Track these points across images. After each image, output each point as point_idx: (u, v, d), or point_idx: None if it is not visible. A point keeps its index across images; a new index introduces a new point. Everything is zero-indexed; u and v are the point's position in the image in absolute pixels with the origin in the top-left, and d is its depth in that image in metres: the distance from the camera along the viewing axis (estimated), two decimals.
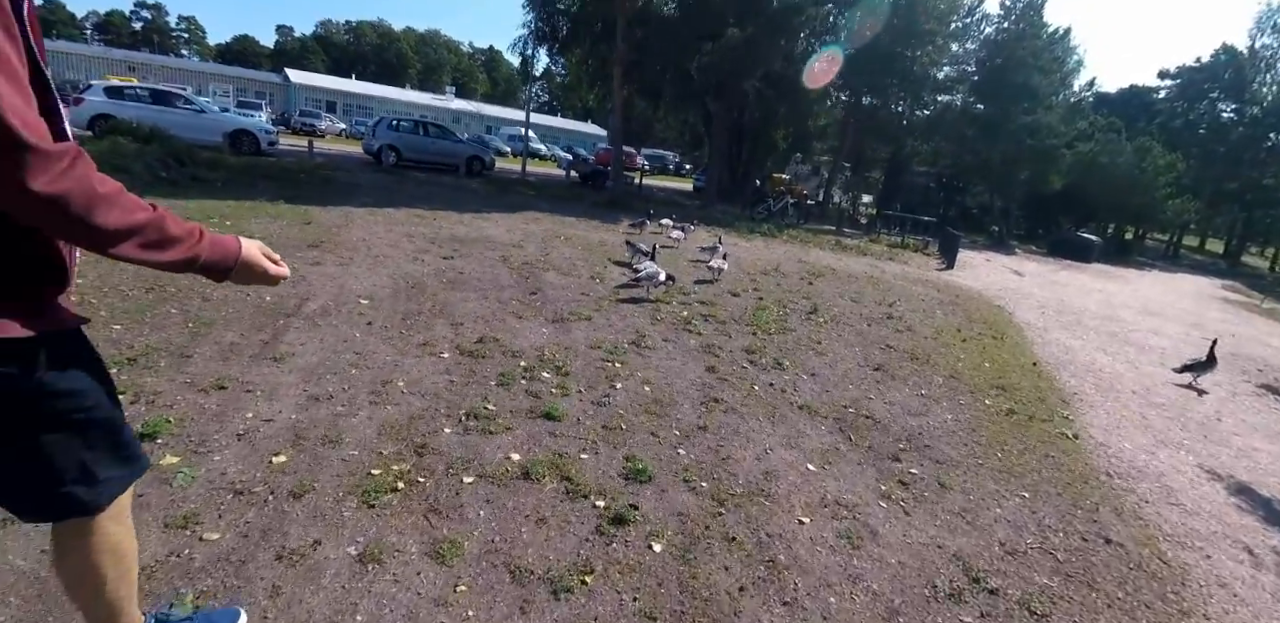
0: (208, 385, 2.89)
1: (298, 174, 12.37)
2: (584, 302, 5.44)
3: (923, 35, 20.42)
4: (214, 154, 12.64)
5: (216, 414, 2.68)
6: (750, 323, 5.45)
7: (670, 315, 5.36)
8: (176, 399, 2.74)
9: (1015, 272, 15.56)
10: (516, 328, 4.41)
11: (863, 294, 7.89)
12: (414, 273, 5.68)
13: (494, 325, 4.40)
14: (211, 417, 2.66)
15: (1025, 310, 9.17)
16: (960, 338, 6.25)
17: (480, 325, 4.37)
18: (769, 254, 10.66)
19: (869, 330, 5.93)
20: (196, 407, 2.71)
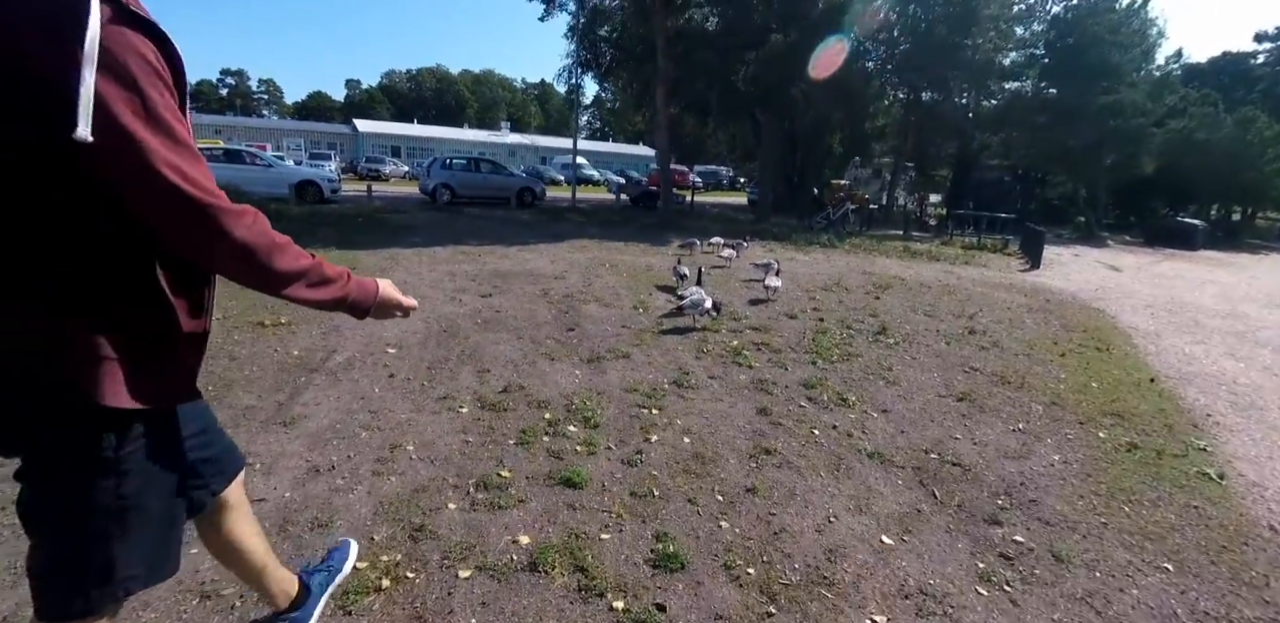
0: None
1: (355, 219, 12.73)
2: (624, 336, 5.05)
3: (983, 22, 19.31)
4: (280, 205, 13.26)
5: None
6: (809, 350, 4.90)
7: (718, 346, 4.88)
8: None
9: (1111, 266, 14.15)
10: (547, 372, 4.05)
11: (937, 306, 7.15)
12: (450, 314, 5.46)
13: (523, 371, 4.06)
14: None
15: (1130, 312, 8.13)
16: (1058, 353, 5.46)
17: (508, 371, 4.04)
18: (829, 267, 9.99)
19: (948, 350, 5.26)
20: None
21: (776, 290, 6.93)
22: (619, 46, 20.40)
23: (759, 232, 15.18)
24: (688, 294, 5.70)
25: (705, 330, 5.32)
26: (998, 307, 7.45)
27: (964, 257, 12.94)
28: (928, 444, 3.33)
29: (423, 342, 4.62)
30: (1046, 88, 26.05)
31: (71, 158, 0.84)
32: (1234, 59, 47.09)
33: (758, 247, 12.24)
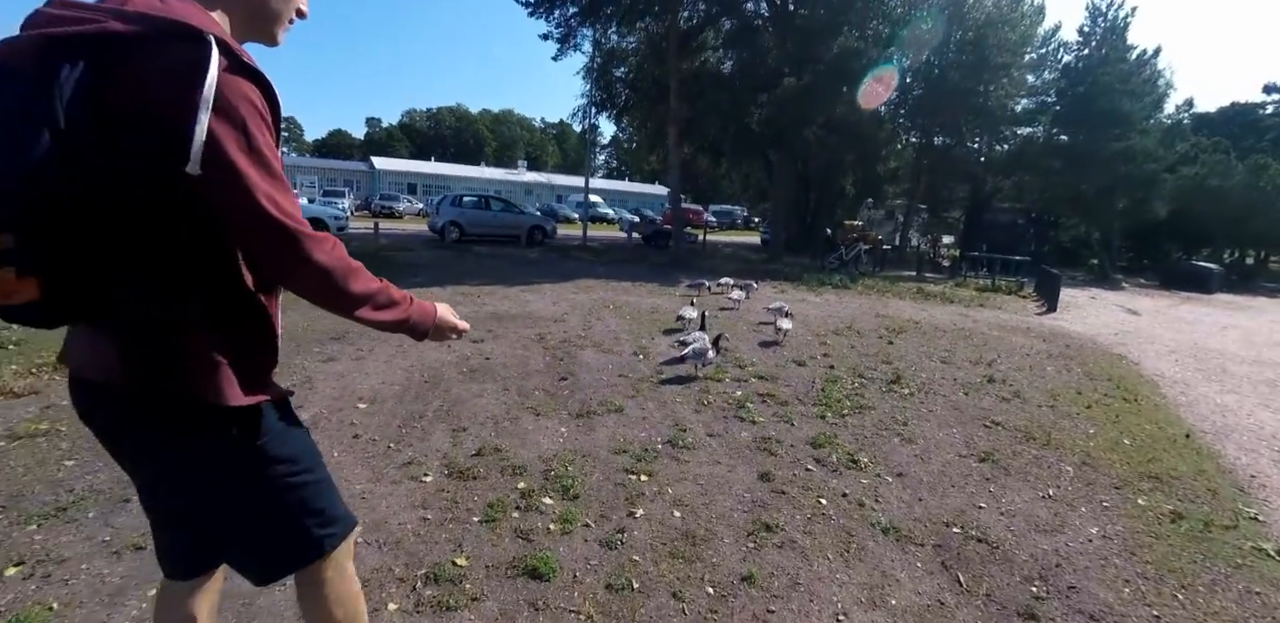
0: (124, 546, 2.31)
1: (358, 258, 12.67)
2: (619, 386, 4.77)
3: (996, 69, 19.49)
4: None
5: (112, 596, 2.06)
6: (818, 402, 4.58)
7: (720, 398, 4.59)
8: (78, 571, 2.17)
9: (1129, 310, 13.77)
10: (529, 430, 3.76)
11: (954, 352, 6.82)
12: (435, 362, 5.21)
13: (503, 429, 3.77)
14: (104, 601, 2.03)
15: (1154, 358, 7.75)
16: (1084, 404, 5.10)
17: (487, 430, 3.75)
18: (841, 309, 9.72)
19: (966, 401, 4.92)
20: (95, 584, 2.11)
21: (787, 333, 6.67)
22: (634, 87, 20.75)
23: (771, 272, 15.01)
24: (690, 341, 5.45)
25: (708, 380, 5.03)
26: (1016, 352, 7.11)
27: (978, 299, 12.64)
28: (949, 515, 2.98)
29: (399, 395, 4.35)
30: (1058, 134, 26.18)
31: (188, 190, 0.94)
32: (1242, 109, 47.48)
33: (768, 287, 12.02)
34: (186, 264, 1.01)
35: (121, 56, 0.90)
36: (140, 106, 0.91)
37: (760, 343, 6.63)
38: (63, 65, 0.87)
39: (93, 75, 0.89)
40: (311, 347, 5.51)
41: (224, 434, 1.09)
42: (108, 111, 0.90)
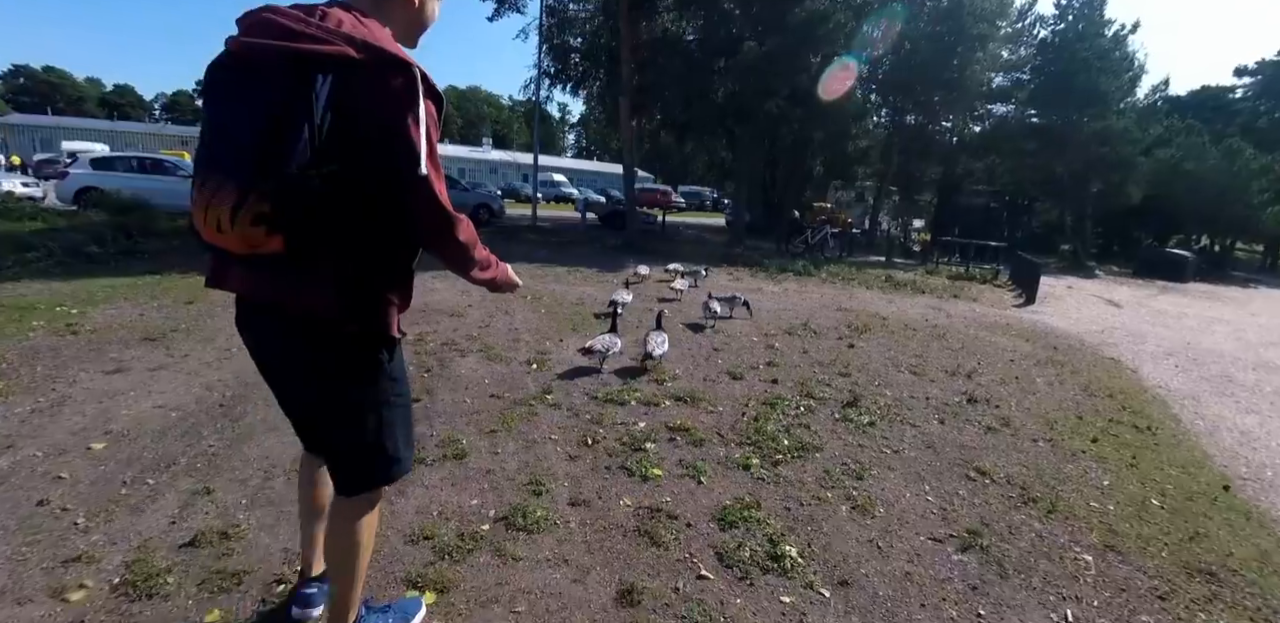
0: None
1: None
2: (483, 414, 3.54)
3: (971, 41, 18.30)
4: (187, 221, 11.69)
5: None
6: (746, 440, 3.39)
7: (615, 432, 3.38)
8: None
9: (1109, 301, 12.92)
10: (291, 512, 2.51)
11: (926, 358, 5.71)
12: (254, 375, 3.92)
13: (267, 492, 2.53)
14: None
15: (1150, 363, 6.76)
16: (1089, 435, 4.01)
17: (243, 493, 2.50)
18: (800, 301, 8.57)
19: (942, 434, 3.79)
20: None
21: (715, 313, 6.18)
22: (588, 56, 19.19)
23: (730, 256, 13.82)
24: (597, 347, 4.28)
25: (607, 402, 3.82)
26: (998, 358, 6.04)
27: (952, 288, 11.62)
28: None
29: (168, 427, 3.08)
30: (1033, 114, 25.29)
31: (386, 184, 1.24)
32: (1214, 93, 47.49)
33: (723, 275, 10.85)
34: (379, 235, 1.30)
35: (357, 75, 1.16)
36: (369, 115, 1.17)
37: (690, 347, 5.44)
38: (317, 76, 1.13)
39: (336, 87, 1.14)
40: (108, 350, 4.24)
41: (378, 355, 1.41)
42: (345, 116, 1.15)
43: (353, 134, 1.16)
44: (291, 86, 1.10)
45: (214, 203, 1.13)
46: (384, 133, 1.19)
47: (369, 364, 1.40)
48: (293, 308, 1.30)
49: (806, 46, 13.53)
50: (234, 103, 1.14)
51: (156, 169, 14.12)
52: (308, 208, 1.15)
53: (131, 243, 9.02)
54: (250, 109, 1.11)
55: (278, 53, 1.11)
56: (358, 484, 1.49)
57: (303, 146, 1.10)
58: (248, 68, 1.13)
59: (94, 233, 9.05)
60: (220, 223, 1.13)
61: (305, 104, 1.10)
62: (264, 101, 1.10)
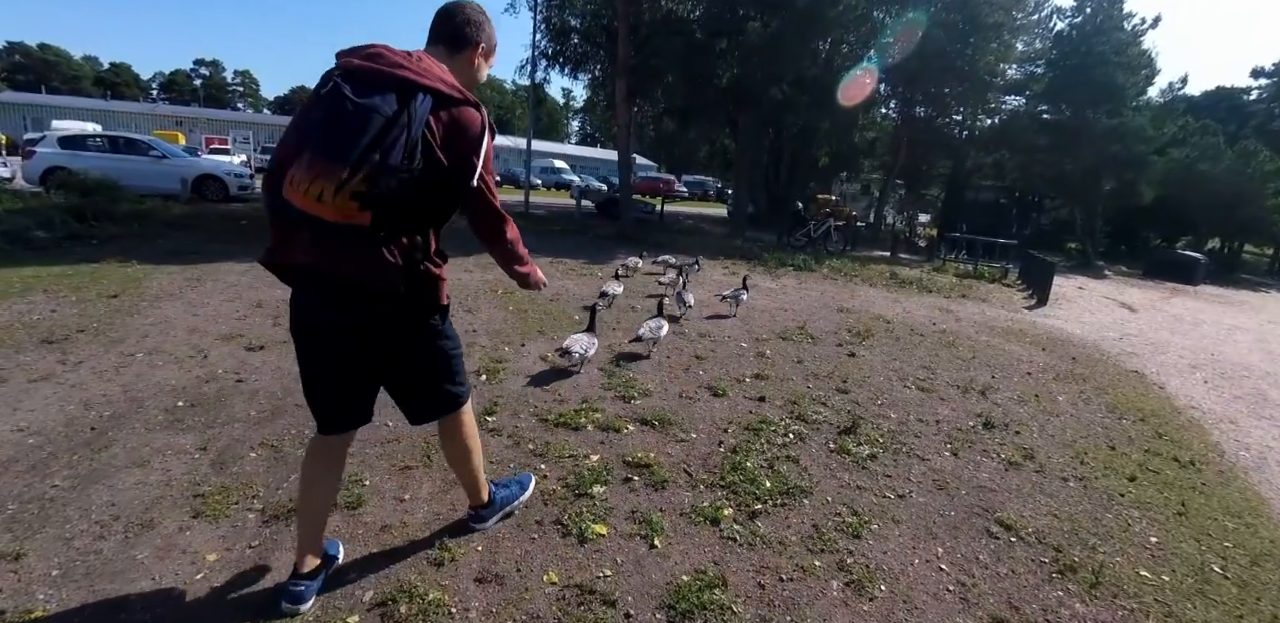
0: None
1: (239, 221, 10.59)
2: (406, 440, 2.95)
3: (985, 30, 17.51)
4: (156, 204, 11.17)
5: None
6: (719, 481, 2.79)
7: (560, 467, 2.78)
8: None
9: (1122, 304, 12.30)
10: (123, 570, 1.93)
11: (935, 370, 5.12)
12: (153, 386, 3.38)
13: (87, 561, 1.94)
14: None
15: (1178, 377, 6.18)
16: (1125, 472, 3.42)
17: (56, 560, 1.92)
18: (798, 300, 7.96)
19: (956, 470, 3.20)
20: None
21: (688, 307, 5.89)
22: (587, 37, 18.42)
23: (728, 249, 13.19)
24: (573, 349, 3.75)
25: (559, 427, 3.24)
26: (1014, 370, 5.45)
27: (959, 288, 10.99)
28: None
29: (13, 460, 2.52)
30: (1046, 110, 24.51)
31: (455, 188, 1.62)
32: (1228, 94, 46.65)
33: (718, 268, 10.23)
34: (435, 226, 1.69)
35: (444, 107, 1.53)
36: (449, 139, 1.55)
37: (670, 354, 4.85)
38: (417, 96, 1.47)
39: (428, 111, 1.49)
40: None
41: (434, 318, 1.78)
42: (431, 134, 1.51)
43: (434, 148, 1.50)
44: (399, 103, 1.43)
45: (320, 178, 1.38)
46: (458, 152, 1.55)
47: (429, 326, 1.77)
48: (366, 280, 1.56)
49: (814, 30, 12.81)
50: (354, 106, 1.39)
51: (129, 149, 13.53)
52: (392, 194, 1.45)
53: (85, 227, 8.41)
54: (368, 112, 1.39)
55: (392, 77, 1.46)
56: (441, 410, 1.93)
57: (399, 148, 1.42)
58: (367, 83, 1.44)
59: (43, 217, 8.44)
60: (323, 195, 1.39)
61: (407, 118, 1.43)
62: (379, 110, 1.40)
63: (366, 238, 1.49)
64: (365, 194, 1.41)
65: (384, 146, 1.40)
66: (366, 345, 1.70)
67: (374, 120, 1.39)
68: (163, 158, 13.59)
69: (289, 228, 1.53)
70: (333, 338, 1.68)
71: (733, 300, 6.45)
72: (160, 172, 13.31)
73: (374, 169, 1.39)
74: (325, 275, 1.57)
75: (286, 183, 1.44)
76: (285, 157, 1.49)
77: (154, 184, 12.86)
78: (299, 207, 1.44)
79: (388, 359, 1.77)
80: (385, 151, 1.40)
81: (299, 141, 1.46)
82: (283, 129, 1.58)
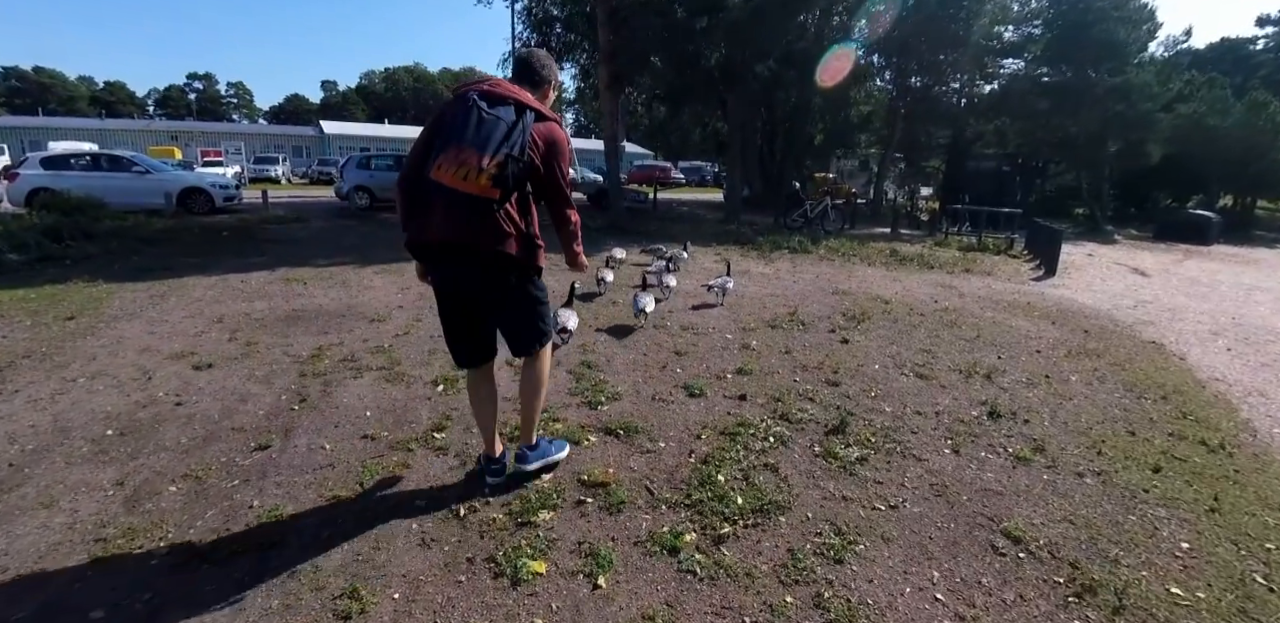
0: None
1: (220, 233, 10.34)
2: (342, 465, 2.66)
3: None
4: (138, 220, 11.00)
5: None
6: (685, 499, 2.46)
7: (504, 500, 2.48)
8: None
9: (1134, 269, 11.81)
10: None
11: (935, 353, 4.76)
12: (80, 417, 3.09)
13: None
14: None
15: (1198, 347, 5.77)
16: (1149, 463, 3.06)
17: None
18: (792, 284, 7.60)
19: (957, 471, 2.86)
20: None
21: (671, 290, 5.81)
22: (570, 27, 17.94)
23: (723, 233, 12.81)
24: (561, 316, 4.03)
25: (512, 441, 2.92)
26: (1022, 348, 5.08)
27: (963, 261, 10.55)
28: None
29: None
30: (1046, 72, 23.71)
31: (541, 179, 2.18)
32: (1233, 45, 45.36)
33: (710, 254, 9.87)
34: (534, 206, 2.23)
35: (540, 120, 2.09)
36: (541, 142, 2.10)
37: (647, 351, 4.51)
38: (526, 112, 2.04)
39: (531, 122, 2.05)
40: None
41: (536, 277, 2.32)
42: (533, 141, 2.06)
43: (535, 148, 2.08)
44: (517, 114, 2.03)
45: (467, 162, 1.93)
46: (548, 154, 2.14)
47: (533, 283, 2.32)
48: (486, 247, 2.06)
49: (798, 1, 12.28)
50: (489, 115, 1.98)
51: (112, 166, 13.45)
52: (513, 178, 2.01)
53: (61, 248, 8.20)
54: (498, 120, 1.98)
55: (511, 98, 2.06)
56: (530, 347, 2.41)
57: (517, 147, 1.99)
58: (494, 101, 2.03)
59: (18, 239, 8.21)
60: (469, 175, 1.93)
61: (521, 126, 2.01)
62: (503, 118, 1.99)
63: (494, 205, 2.00)
64: (497, 176, 1.95)
65: (510, 143, 1.96)
66: (486, 297, 2.24)
67: (501, 125, 1.97)
68: (146, 173, 13.48)
69: (424, 208, 2.04)
70: (471, 293, 2.23)
71: (719, 290, 6.13)
72: (144, 186, 13.21)
73: (505, 158, 1.95)
74: (458, 245, 2.06)
75: (434, 168, 1.98)
76: (420, 155, 2.09)
77: (138, 199, 12.81)
78: (448, 184, 1.96)
79: (499, 309, 2.30)
80: (512, 147, 1.97)
81: (444, 140, 1.99)
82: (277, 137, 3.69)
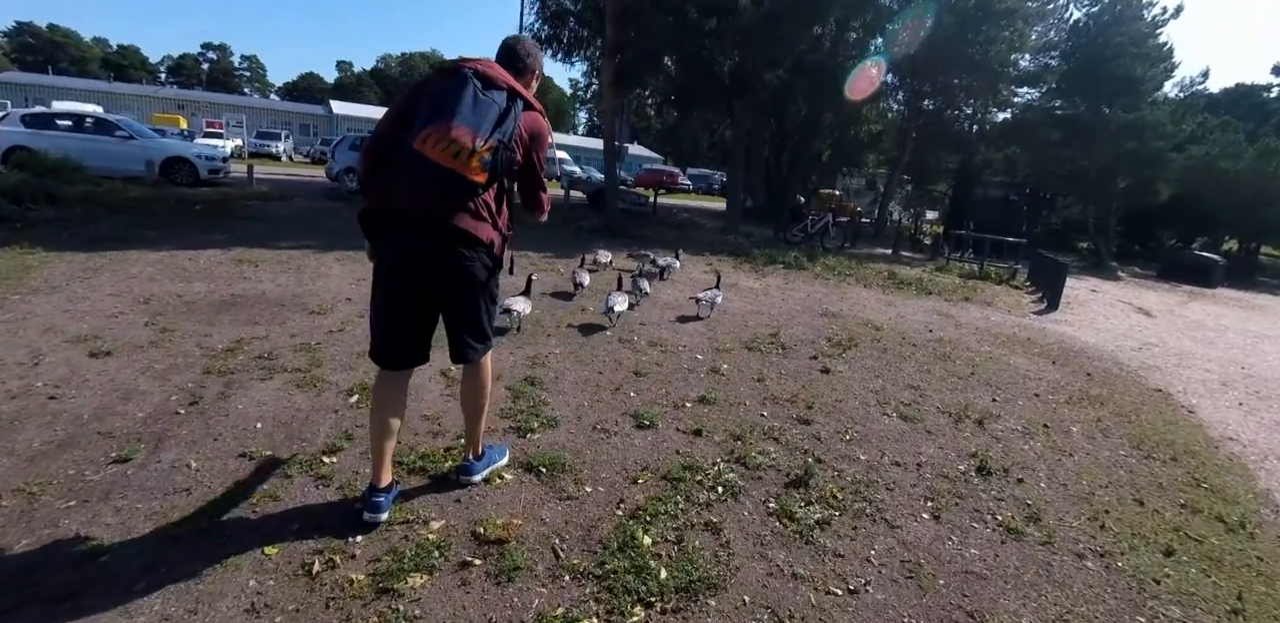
0: None
1: (193, 206, 9.87)
2: (200, 489, 2.20)
3: (997, 17, 16.50)
4: (114, 186, 10.60)
5: None
6: (595, 567, 1.99)
7: (378, 544, 2.01)
8: None
9: (1138, 308, 11.43)
10: None
11: (924, 392, 4.31)
12: None
13: None
14: None
15: (1208, 399, 5.34)
16: (1160, 546, 2.60)
17: None
18: (781, 301, 7.15)
19: (935, 544, 2.40)
20: None
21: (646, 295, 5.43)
22: (583, 21, 17.54)
23: (719, 244, 12.36)
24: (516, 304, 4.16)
25: (414, 474, 2.45)
26: (1020, 391, 4.63)
27: (963, 289, 10.12)
28: None
29: None
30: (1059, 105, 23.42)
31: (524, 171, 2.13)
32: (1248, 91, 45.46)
33: (700, 265, 9.42)
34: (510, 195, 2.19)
35: (529, 112, 2.05)
36: (526, 132, 2.04)
37: (601, 368, 4.05)
38: (516, 99, 1.98)
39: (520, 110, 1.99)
40: None
41: (496, 273, 2.17)
42: (521, 128, 2.01)
43: (520, 138, 2.01)
44: (508, 100, 1.95)
45: (459, 140, 1.82)
46: (531, 147, 2.09)
47: (494, 278, 2.18)
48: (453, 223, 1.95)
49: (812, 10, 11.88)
50: (485, 96, 1.89)
51: (97, 129, 12.98)
52: (501, 164, 1.93)
53: (21, 210, 7.74)
54: (492, 103, 1.90)
55: (505, 83, 1.97)
56: (471, 352, 2.22)
57: (509, 135, 1.93)
58: (488, 83, 1.93)
59: None
60: (459, 153, 1.82)
61: (513, 112, 1.95)
62: (496, 103, 1.91)
63: (477, 189, 1.93)
64: (487, 159, 1.88)
65: (503, 130, 1.90)
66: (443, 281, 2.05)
67: (494, 109, 1.90)
68: (130, 138, 13.03)
69: (394, 175, 1.92)
70: (427, 270, 2.02)
71: (708, 303, 5.73)
72: (125, 152, 12.77)
73: (497, 144, 1.89)
74: (424, 216, 1.93)
75: (418, 139, 1.83)
76: (396, 122, 1.95)
77: (118, 165, 12.42)
78: (434, 159, 1.82)
79: (453, 297, 2.12)
80: (504, 134, 1.91)
81: (434, 112, 1.85)
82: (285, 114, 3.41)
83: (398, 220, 1.96)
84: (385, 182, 1.94)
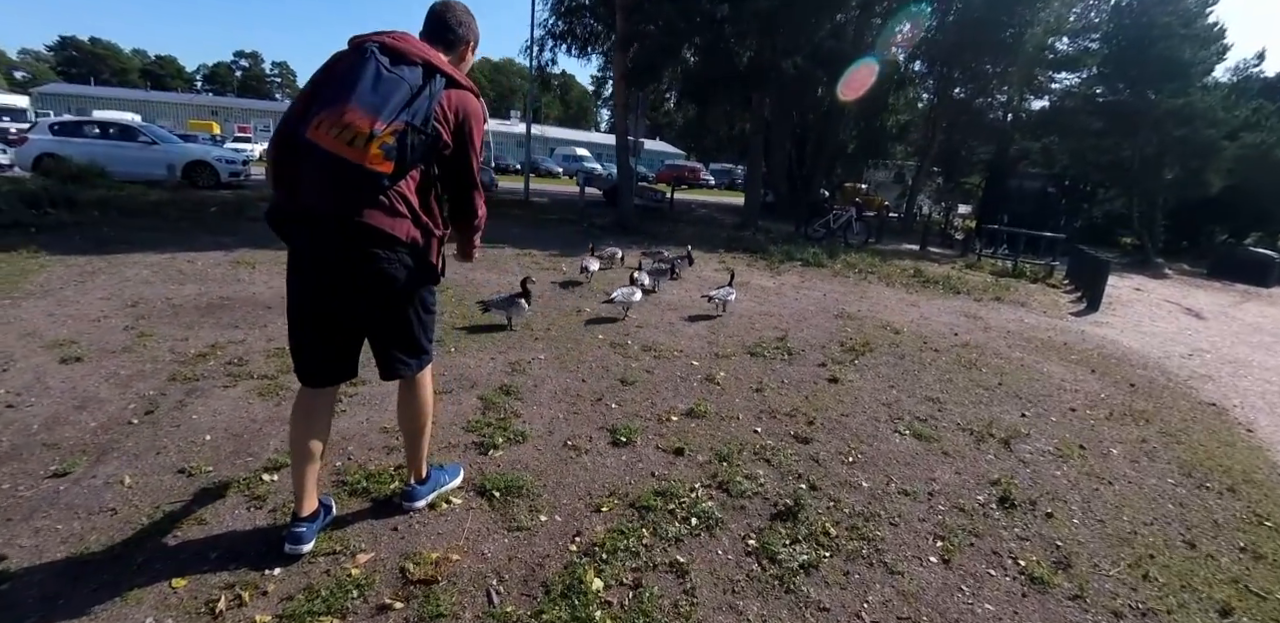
0: None
1: (208, 208, 9.88)
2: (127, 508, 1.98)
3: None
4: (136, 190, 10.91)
5: None
6: (529, 617, 1.73)
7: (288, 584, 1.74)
8: None
9: (1188, 310, 10.68)
10: None
11: (944, 403, 3.92)
12: None
13: None
14: None
15: (1267, 415, 4.80)
16: (1214, 603, 2.21)
17: None
18: (794, 301, 6.77)
19: (940, 596, 2.04)
20: None
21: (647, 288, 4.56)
22: (596, 15, 17.23)
23: (735, 240, 11.97)
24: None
25: (355, 496, 2.19)
26: (1053, 405, 4.20)
27: (995, 288, 9.55)
28: None
29: None
30: (1101, 91, 22.33)
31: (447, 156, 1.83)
32: None
33: (713, 262, 9.07)
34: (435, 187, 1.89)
35: (454, 90, 1.77)
36: (456, 117, 1.79)
37: (587, 375, 3.75)
38: (435, 76, 1.71)
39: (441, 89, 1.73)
40: None
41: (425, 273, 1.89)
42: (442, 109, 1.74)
43: (443, 120, 1.75)
44: (424, 77, 1.69)
45: (354, 125, 1.57)
46: (458, 128, 1.81)
47: (419, 276, 1.87)
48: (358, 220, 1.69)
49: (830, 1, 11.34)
50: (389, 73, 1.64)
51: (121, 135, 13.34)
52: (412, 150, 1.67)
53: (38, 215, 7.78)
54: (399, 80, 1.64)
55: (420, 57, 1.71)
56: (402, 369, 1.98)
57: (420, 116, 1.66)
58: (398, 58, 1.69)
59: None
60: (355, 140, 1.58)
61: (429, 93, 1.69)
62: (406, 80, 1.65)
63: (383, 181, 1.67)
64: (391, 146, 1.63)
65: (413, 110, 1.66)
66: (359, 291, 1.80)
67: (403, 87, 1.65)
68: (152, 143, 13.35)
69: (292, 171, 1.71)
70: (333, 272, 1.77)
71: (719, 302, 5.50)
72: (148, 157, 13.16)
73: (404, 126, 1.64)
74: (323, 216, 1.71)
75: (312, 127, 1.62)
76: (299, 111, 1.71)
77: (141, 169, 12.68)
78: (326, 147, 1.61)
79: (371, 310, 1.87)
80: (414, 115, 1.66)
81: (330, 95, 1.63)
82: None
83: (303, 219, 1.74)
84: (287, 180, 1.73)
